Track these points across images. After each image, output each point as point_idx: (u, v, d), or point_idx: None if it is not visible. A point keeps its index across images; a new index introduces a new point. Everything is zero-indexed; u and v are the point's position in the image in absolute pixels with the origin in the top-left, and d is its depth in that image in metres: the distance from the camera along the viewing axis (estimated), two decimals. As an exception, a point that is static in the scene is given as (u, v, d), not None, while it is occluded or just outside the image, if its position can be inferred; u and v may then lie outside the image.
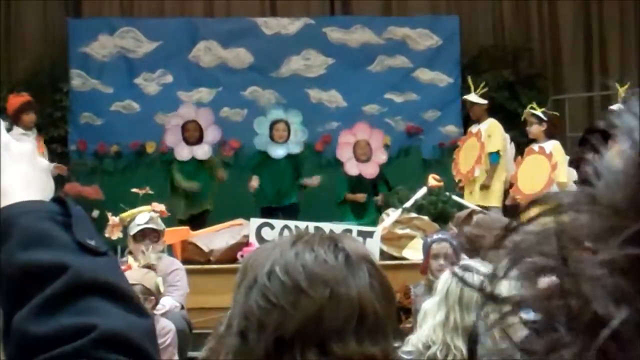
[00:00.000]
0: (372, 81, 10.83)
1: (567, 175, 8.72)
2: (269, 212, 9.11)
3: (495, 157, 9.14)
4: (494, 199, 9.12)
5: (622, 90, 8.90)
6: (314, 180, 9.62)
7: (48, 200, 1.09)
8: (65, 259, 1.02)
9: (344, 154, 9.96)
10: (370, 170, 9.85)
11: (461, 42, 11.37)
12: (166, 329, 5.60)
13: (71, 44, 11.07)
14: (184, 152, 9.90)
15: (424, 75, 11.11)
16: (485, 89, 9.51)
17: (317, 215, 8.49)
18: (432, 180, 8.30)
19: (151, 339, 1.04)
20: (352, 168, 9.85)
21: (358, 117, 10.57)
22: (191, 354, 6.12)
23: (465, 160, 9.26)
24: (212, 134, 10.06)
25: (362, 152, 9.88)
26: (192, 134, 9.91)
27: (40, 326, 0.99)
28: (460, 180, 9.22)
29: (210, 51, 11.17)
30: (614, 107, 9.03)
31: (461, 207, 8.16)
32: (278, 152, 9.67)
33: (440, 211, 8.07)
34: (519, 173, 8.86)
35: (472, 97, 9.35)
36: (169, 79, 11.00)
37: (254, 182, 9.56)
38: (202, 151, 9.91)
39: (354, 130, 10.05)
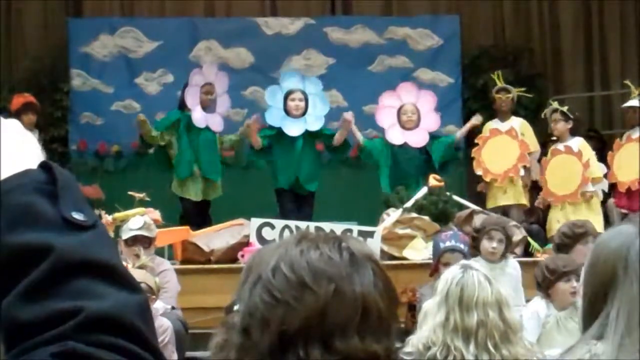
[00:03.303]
0: (372, 81, 10.82)
1: (599, 168, 8.64)
2: (285, 195, 8.66)
3: None
4: (523, 197, 8.99)
5: (638, 90, 8.87)
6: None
7: (35, 165, 1.06)
8: (50, 239, 1.00)
9: (386, 119, 8.92)
10: (417, 139, 8.81)
11: (461, 42, 11.38)
12: (163, 327, 5.59)
13: (71, 43, 11.07)
14: (200, 118, 8.99)
15: (425, 75, 11.11)
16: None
17: (324, 214, 8.50)
18: (433, 180, 8.28)
19: (143, 314, 1.02)
20: (396, 136, 8.80)
21: (359, 116, 10.56)
22: (189, 353, 6.12)
23: (495, 158, 8.92)
24: (223, 104, 9.30)
25: (408, 118, 8.83)
26: (210, 98, 9.04)
27: (27, 312, 0.97)
28: (494, 180, 8.89)
29: (210, 51, 11.18)
30: (627, 104, 9.01)
31: (462, 207, 8.16)
32: (294, 128, 8.65)
33: (441, 211, 8.05)
34: (547, 175, 8.66)
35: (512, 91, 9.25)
36: (170, 78, 11.00)
37: (255, 122, 8.69)
38: (216, 122, 9.12)
39: (398, 92, 9.09)
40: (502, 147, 8.93)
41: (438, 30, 11.34)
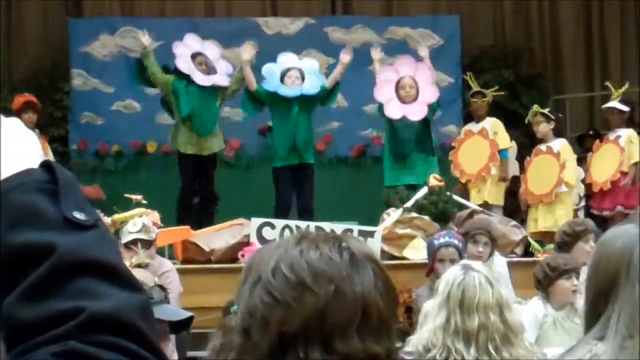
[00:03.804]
0: (373, 81, 10.81)
1: (575, 173, 8.72)
2: (282, 173, 8.67)
3: (504, 153, 9.12)
4: (501, 197, 9.10)
5: (617, 92, 8.95)
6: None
7: (37, 164, 1.06)
8: (52, 239, 1.00)
9: (384, 93, 8.82)
10: (416, 112, 8.69)
11: (462, 42, 11.38)
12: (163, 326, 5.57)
13: (72, 43, 11.08)
14: (203, 78, 8.93)
15: (425, 75, 11.09)
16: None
17: (324, 214, 8.49)
18: (433, 180, 8.28)
19: (144, 314, 1.02)
20: (395, 110, 8.70)
21: (359, 116, 10.57)
22: (190, 353, 6.11)
23: (470, 159, 9.08)
24: (224, 66, 9.23)
25: (406, 93, 8.72)
26: (203, 68, 9.01)
27: (28, 312, 0.97)
28: (468, 181, 9.06)
29: (211, 51, 11.16)
30: (607, 105, 9.09)
31: (462, 206, 8.16)
32: (290, 91, 8.66)
33: (441, 211, 8.06)
34: (528, 174, 8.80)
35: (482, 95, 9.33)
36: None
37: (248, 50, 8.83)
38: (222, 79, 9.06)
39: (395, 66, 9.05)
40: (476, 147, 9.11)
41: (438, 30, 11.34)
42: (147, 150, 10.75)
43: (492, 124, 9.20)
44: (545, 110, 8.93)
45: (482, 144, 9.09)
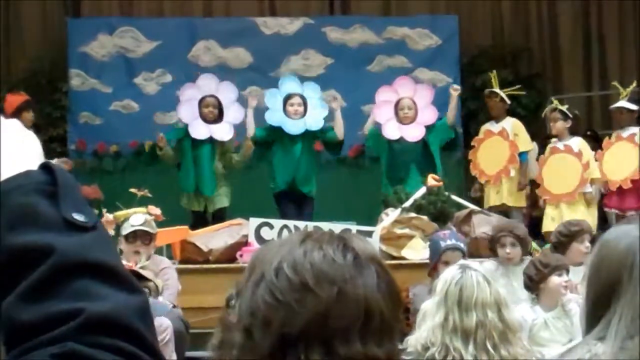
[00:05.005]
0: (371, 81, 10.81)
1: (598, 170, 8.68)
2: (283, 198, 8.72)
3: (524, 156, 9.06)
4: (522, 200, 9.07)
5: (625, 92, 8.91)
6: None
7: (36, 166, 1.06)
8: (51, 240, 1.00)
9: (383, 113, 8.93)
10: (414, 133, 8.81)
11: (460, 42, 11.38)
12: (163, 326, 5.57)
13: (70, 43, 11.07)
14: (201, 130, 8.80)
15: (424, 75, 11.10)
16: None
17: (322, 214, 8.49)
18: (431, 180, 8.28)
19: (143, 315, 1.02)
20: (392, 130, 8.84)
21: (358, 116, 10.55)
22: (189, 353, 6.11)
23: (489, 160, 9.02)
24: (233, 113, 9.03)
25: (405, 114, 8.86)
26: (211, 111, 8.83)
27: (27, 313, 0.98)
28: (487, 181, 9.01)
29: (209, 51, 11.18)
30: (616, 105, 9.05)
31: (460, 206, 8.15)
32: (295, 127, 8.72)
33: (439, 211, 8.06)
34: (544, 173, 8.73)
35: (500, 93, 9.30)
36: (168, 78, 11.00)
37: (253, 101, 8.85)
38: (223, 131, 8.87)
39: (394, 86, 9.10)
40: (495, 148, 9.04)
41: (437, 30, 11.34)
42: (145, 151, 10.74)
43: (513, 125, 9.11)
44: (564, 108, 8.87)
45: (501, 145, 9.00)
